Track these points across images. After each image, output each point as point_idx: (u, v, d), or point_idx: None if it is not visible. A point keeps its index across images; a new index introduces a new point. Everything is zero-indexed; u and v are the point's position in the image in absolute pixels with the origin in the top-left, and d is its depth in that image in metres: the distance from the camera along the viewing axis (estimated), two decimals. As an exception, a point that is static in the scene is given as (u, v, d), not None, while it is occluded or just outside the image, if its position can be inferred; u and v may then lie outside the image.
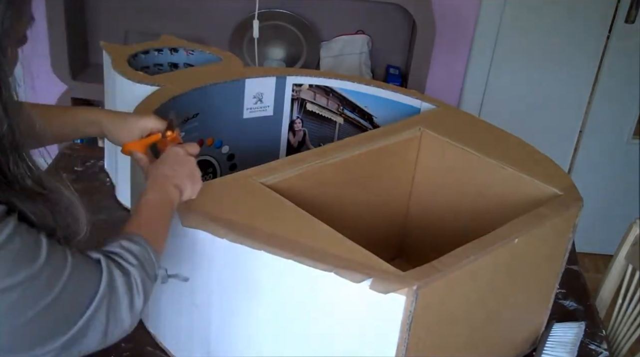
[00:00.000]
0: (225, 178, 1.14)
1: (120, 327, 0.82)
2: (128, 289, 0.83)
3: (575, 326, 1.35)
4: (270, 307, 1.03)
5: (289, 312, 1.02)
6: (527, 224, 1.09)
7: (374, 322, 0.95)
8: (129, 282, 0.83)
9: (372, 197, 1.38)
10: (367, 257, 0.97)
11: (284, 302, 1.02)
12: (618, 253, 1.62)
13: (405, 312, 0.91)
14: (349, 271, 0.92)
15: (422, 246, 1.42)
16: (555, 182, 1.22)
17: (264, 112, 1.60)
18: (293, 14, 2.47)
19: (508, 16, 2.51)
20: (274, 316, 1.03)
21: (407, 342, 0.93)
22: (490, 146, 1.32)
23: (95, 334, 0.79)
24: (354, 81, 1.59)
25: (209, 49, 1.71)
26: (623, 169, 2.77)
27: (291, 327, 1.03)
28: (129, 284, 0.83)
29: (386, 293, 0.90)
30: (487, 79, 2.63)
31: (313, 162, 1.22)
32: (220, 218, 1.02)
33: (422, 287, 0.91)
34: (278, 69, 2.26)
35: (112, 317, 0.81)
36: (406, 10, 2.35)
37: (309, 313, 1.00)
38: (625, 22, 2.51)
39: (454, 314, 1.03)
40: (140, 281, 0.84)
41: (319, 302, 0.98)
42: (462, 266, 0.97)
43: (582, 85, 2.64)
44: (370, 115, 1.59)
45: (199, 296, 1.11)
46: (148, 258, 0.88)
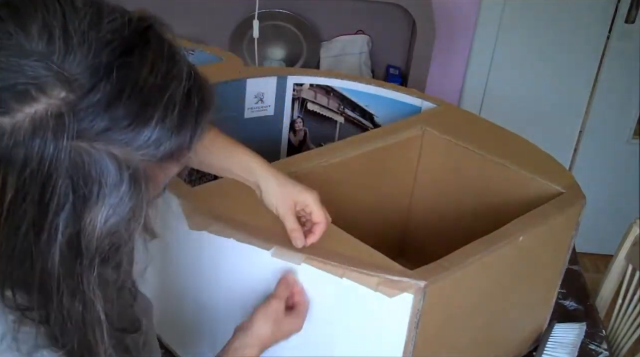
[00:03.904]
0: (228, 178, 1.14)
1: None
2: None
3: (577, 327, 1.35)
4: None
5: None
6: (531, 222, 1.09)
7: (381, 320, 0.95)
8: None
9: (375, 196, 1.37)
10: (375, 256, 0.96)
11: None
12: (618, 253, 1.62)
13: (413, 310, 0.91)
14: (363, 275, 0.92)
15: (425, 245, 1.42)
16: (557, 180, 1.22)
17: (264, 111, 1.60)
18: (293, 14, 2.47)
19: (508, 16, 2.51)
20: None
21: (415, 340, 0.93)
22: (492, 145, 1.32)
23: None
24: (354, 80, 1.59)
25: (209, 49, 1.71)
26: (623, 169, 2.77)
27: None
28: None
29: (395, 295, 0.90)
30: (487, 79, 2.63)
31: (315, 161, 1.22)
32: (226, 218, 1.01)
33: (430, 285, 0.91)
34: (279, 68, 2.26)
35: None
36: (406, 10, 2.35)
37: (316, 312, 1.00)
38: (625, 22, 2.51)
39: (459, 312, 1.03)
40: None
41: (325, 300, 0.98)
42: (468, 264, 0.97)
43: (582, 85, 2.64)
44: (371, 115, 1.59)
45: (205, 296, 1.11)
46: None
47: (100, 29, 0.59)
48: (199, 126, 0.65)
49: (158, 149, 0.61)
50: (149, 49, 0.61)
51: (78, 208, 0.60)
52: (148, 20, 0.64)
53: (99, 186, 0.60)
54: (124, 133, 0.59)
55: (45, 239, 0.60)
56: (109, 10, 0.62)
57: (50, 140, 0.57)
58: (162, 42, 0.64)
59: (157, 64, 0.61)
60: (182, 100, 0.62)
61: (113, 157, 0.60)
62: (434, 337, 0.99)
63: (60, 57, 0.57)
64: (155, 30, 0.64)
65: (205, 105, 0.66)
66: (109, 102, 0.58)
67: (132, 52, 0.60)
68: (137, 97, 0.59)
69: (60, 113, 0.57)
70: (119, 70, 0.58)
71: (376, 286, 0.91)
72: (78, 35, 0.58)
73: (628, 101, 2.66)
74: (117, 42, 0.59)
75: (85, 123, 0.58)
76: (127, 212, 0.62)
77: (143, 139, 0.60)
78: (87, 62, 0.58)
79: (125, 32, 0.61)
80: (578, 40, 2.55)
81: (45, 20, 0.58)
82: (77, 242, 0.61)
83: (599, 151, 2.77)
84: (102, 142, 0.59)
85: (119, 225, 0.62)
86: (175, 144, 0.63)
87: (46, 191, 0.58)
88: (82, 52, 0.58)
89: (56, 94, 0.57)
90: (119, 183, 0.60)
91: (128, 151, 0.60)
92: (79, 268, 0.62)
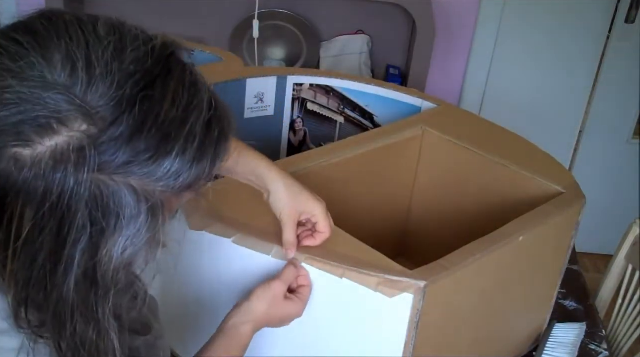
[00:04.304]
0: (228, 178, 1.14)
1: None
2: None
3: (577, 327, 1.35)
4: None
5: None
6: (531, 222, 1.09)
7: (381, 320, 0.95)
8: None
9: (375, 196, 1.37)
10: (375, 256, 0.96)
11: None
12: (618, 253, 1.62)
13: (413, 310, 0.91)
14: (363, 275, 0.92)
15: (424, 245, 1.42)
16: (557, 180, 1.22)
17: (264, 111, 1.60)
18: (293, 14, 2.47)
19: (508, 16, 2.51)
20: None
21: (415, 340, 0.93)
22: (492, 144, 1.32)
23: None
24: (354, 80, 1.59)
25: (209, 49, 1.71)
26: (623, 169, 2.77)
27: (297, 326, 1.03)
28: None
29: (395, 295, 0.90)
30: (487, 79, 2.63)
31: (315, 161, 1.22)
32: (227, 219, 1.01)
33: (430, 285, 0.91)
34: (279, 68, 2.26)
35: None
36: (406, 10, 2.35)
37: (316, 312, 1.00)
38: (625, 22, 2.51)
39: (459, 312, 1.03)
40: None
41: (325, 300, 0.98)
42: (468, 264, 0.97)
43: (582, 85, 2.64)
44: (371, 115, 1.59)
45: (205, 296, 1.11)
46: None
47: (123, 59, 0.59)
48: (218, 155, 0.65)
49: (177, 181, 0.61)
50: (172, 79, 0.61)
51: (95, 239, 0.59)
52: (170, 48, 0.63)
53: (117, 217, 0.60)
54: (144, 166, 0.59)
55: (61, 269, 0.59)
56: (132, 37, 0.61)
57: (71, 173, 0.57)
58: (184, 70, 0.63)
59: (178, 95, 0.61)
60: (202, 131, 0.62)
61: (132, 189, 0.59)
62: (434, 337, 0.99)
63: (83, 89, 0.57)
64: (177, 58, 0.63)
65: (225, 136, 0.66)
66: (131, 135, 0.58)
67: (154, 83, 0.59)
68: (158, 130, 0.59)
69: (82, 146, 0.56)
70: (141, 103, 0.58)
71: (376, 286, 0.91)
72: (101, 66, 0.58)
73: (628, 101, 2.66)
74: (140, 74, 0.59)
75: (106, 156, 0.57)
76: (144, 243, 0.62)
77: (163, 171, 0.60)
78: (110, 94, 0.57)
79: (148, 63, 0.60)
80: (578, 41, 2.55)
81: (68, 50, 0.58)
82: (93, 272, 0.61)
83: (599, 151, 2.77)
84: (122, 175, 0.59)
85: (135, 255, 0.62)
86: (195, 174, 0.63)
87: (64, 223, 0.58)
88: (105, 84, 0.57)
89: (78, 127, 0.56)
90: (137, 215, 0.60)
91: (147, 183, 0.60)
92: (94, 298, 0.62)
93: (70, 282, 0.60)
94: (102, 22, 0.61)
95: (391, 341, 0.95)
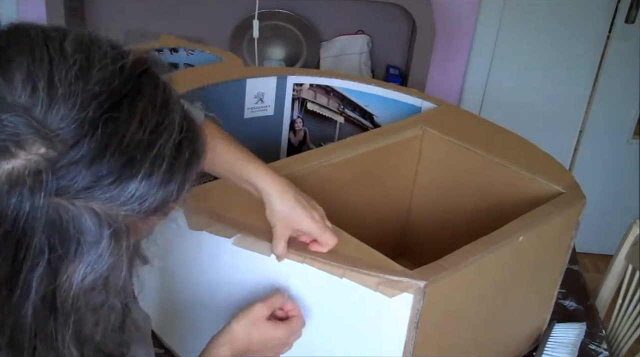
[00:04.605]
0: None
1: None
2: None
3: (577, 326, 1.35)
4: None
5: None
6: (531, 222, 1.09)
7: (381, 320, 0.95)
8: None
9: (375, 196, 1.37)
10: (375, 256, 0.96)
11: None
12: (618, 253, 1.62)
13: (413, 310, 0.91)
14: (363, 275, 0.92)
15: (424, 245, 1.42)
16: (557, 180, 1.22)
17: (264, 111, 1.59)
18: (293, 14, 2.47)
19: (508, 16, 2.51)
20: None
21: (415, 340, 0.93)
22: (492, 144, 1.32)
23: None
24: (354, 80, 1.59)
25: (209, 49, 1.71)
26: (623, 169, 2.77)
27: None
28: None
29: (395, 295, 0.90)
30: (487, 79, 2.63)
31: (315, 161, 1.22)
32: (226, 219, 1.01)
33: (430, 285, 0.91)
34: (279, 68, 2.26)
35: None
36: (406, 10, 2.35)
37: (316, 312, 1.00)
38: (625, 22, 2.51)
39: (459, 312, 1.03)
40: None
41: (326, 300, 0.98)
42: (468, 264, 0.96)
43: (582, 86, 2.64)
44: (371, 114, 1.59)
45: (205, 296, 1.11)
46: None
47: (88, 79, 0.56)
48: (187, 178, 0.62)
49: (142, 205, 0.59)
50: (140, 99, 0.58)
51: (54, 265, 0.57)
52: (143, 65, 0.60)
53: (77, 243, 0.57)
54: (107, 190, 0.56)
55: (18, 295, 0.57)
56: (101, 55, 0.58)
57: (26, 198, 0.54)
58: (156, 89, 0.60)
59: (147, 116, 0.58)
60: (171, 153, 0.59)
61: (93, 213, 0.57)
62: (434, 337, 0.99)
63: (43, 110, 0.54)
64: (150, 75, 0.61)
65: (196, 156, 0.63)
66: (93, 159, 0.55)
67: (120, 104, 0.57)
68: (123, 153, 0.56)
69: (39, 170, 0.54)
70: (104, 125, 0.55)
71: (376, 286, 0.91)
72: (64, 86, 0.55)
73: (628, 101, 2.66)
74: (106, 94, 0.56)
75: (65, 180, 0.55)
76: (106, 268, 0.59)
77: (127, 195, 0.57)
78: (71, 116, 0.55)
79: (115, 82, 0.57)
80: (578, 41, 2.55)
81: (30, 70, 0.55)
82: (52, 298, 0.58)
83: (599, 151, 2.77)
84: (83, 199, 0.56)
85: (97, 281, 0.59)
86: (161, 198, 0.60)
87: (20, 248, 0.56)
88: (66, 106, 0.55)
89: (36, 150, 0.54)
90: (98, 240, 0.58)
91: (110, 207, 0.57)
92: (54, 324, 0.59)
93: (28, 308, 0.57)
94: (70, 38, 0.58)
95: (391, 341, 0.95)
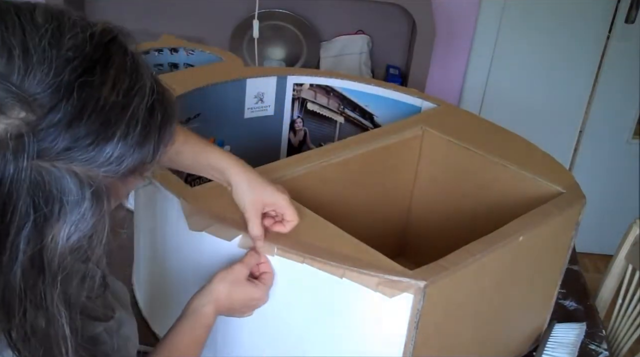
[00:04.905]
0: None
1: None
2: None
3: (577, 327, 1.35)
4: (276, 308, 1.02)
5: (295, 312, 1.02)
6: (531, 222, 1.09)
7: (381, 320, 0.95)
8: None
9: (375, 196, 1.37)
10: (375, 256, 0.96)
11: (290, 302, 1.01)
12: (618, 253, 1.62)
13: (413, 310, 0.91)
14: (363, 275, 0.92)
15: (424, 245, 1.43)
16: (557, 180, 1.22)
17: (264, 111, 1.60)
18: (293, 14, 2.47)
19: (508, 16, 2.51)
20: (280, 316, 1.03)
21: (415, 340, 0.93)
22: (492, 145, 1.32)
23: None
24: (354, 80, 1.59)
25: (209, 49, 1.71)
26: (623, 169, 2.78)
27: (297, 327, 1.03)
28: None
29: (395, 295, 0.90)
30: (487, 79, 2.63)
31: (315, 161, 1.22)
32: (227, 220, 1.01)
33: (430, 285, 0.91)
34: (279, 68, 2.26)
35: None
36: (406, 10, 2.35)
37: (316, 312, 1.00)
38: (625, 22, 2.51)
39: (459, 312, 1.03)
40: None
41: (326, 300, 0.98)
42: (468, 264, 0.96)
43: (582, 85, 2.65)
44: (371, 114, 1.59)
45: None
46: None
47: (61, 46, 0.59)
48: (162, 140, 0.65)
49: (120, 165, 0.62)
50: (111, 65, 0.61)
51: (39, 226, 0.60)
52: (111, 33, 0.63)
53: (60, 203, 0.60)
54: (85, 151, 0.59)
55: (7, 257, 0.59)
56: (71, 24, 0.61)
57: (10, 161, 0.57)
58: (125, 55, 0.63)
59: (119, 80, 0.61)
60: (144, 115, 0.63)
61: (74, 174, 0.60)
62: (434, 337, 0.99)
63: (19, 76, 0.57)
64: (119, 43, 0.64)
65: (169, 119, 0.66)
66: (70, 121, 0.58)
67: (93, 69, 0.60)
68: (98, 116, 0.59)
69: (20, 133, 0.57)
70: (80, 89, 0.58)
71: (376, 286, 0.91)
72: (38, 53, 0.58)
73: (628, 101, 2.66)
74: (79, 59, 0.59)
75: (46, 143, 0.58)
76: (89, 228, 0.62)
77: (105, 156, 0.60)
78: (47, 81, 0.57)
79: (86, 49, 0.60)
80: (578, 41, 2.55)
81: (4, 38, 0.58)
82: (39, 259, 0.61)
83: (599, 151, 2.77)
84: (63, 161, 0.59)
85: (81, 241, 0.62)
86: (138, 159, 0.63)
87: (6, 210, 0.58)
88: (42, 71, 0.57)
89: (16, 115, 0.57)
90: (80, 200, 0.60)
91: (90, 168, 0.60)
92: (42, 285, 0.62)
93: (17, 269, 0.60)
94: (39, 10, 0.61)
95: (391, 341, 0.95)
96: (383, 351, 0.96)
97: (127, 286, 1.34)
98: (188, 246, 1.08)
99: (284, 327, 1.04)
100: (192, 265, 1.09)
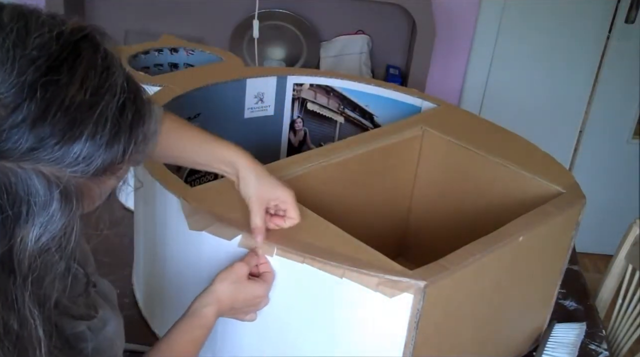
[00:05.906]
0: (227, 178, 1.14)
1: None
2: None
3: (577, 326, 1.35)
4: (276, 308, 1.02)
5: (295, 312, 1.02)
6: (531, 222, 1.09)
7: (381, 320, 0.95)
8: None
9: (375, 196, 1.37)
10: (375, 256, 0.96)
11: (290, 302, 1.01)
12: (618, 253, 1.62)
13: (413, 310, 0.91)
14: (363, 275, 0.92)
15: (425, 245, 1.42)
16: (557, 180, 1.22)
17: (264, 111, 1.60)
18: (293, 14, 2.47)
19: (508, 16, 2.51)
20: (280, 316, 1.03)
21: (415, 340, 0.93)
22: (492, 145, 1.32)
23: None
24: (354, 80, 1.59)
25: (209, 49, 1.71)
26: (623, 169, 2.78)
27: (296, 327, 1.03)
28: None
29: (395, 295, 0.90)
30: (487, 79, 2.63)
31: (315, 161, 1.22)
32: (227, 219, 1.01)
33: (430, 285, 0.91)
34: (279, 68, 2.26)
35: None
36: (406, 10, 2.35)
37: (316, 312, 1.00)
38: (625, 22, 2.51)
39: (459, 312, 1.03)
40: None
41: (326, 300, 0.98)
42: (468, 264, 0.96)
43: (582, 85, 2.65)
44: (371, 114, 1.59)
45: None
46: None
47: (26, 45, 0.58)
48: (133, 139, 0.64)
49: (89, 165, 0.61)
50: (80, 64, 0.61)
51: (7, 227, 0.59)
52: (82, 31, 0.63)
53: (28, 205, 0.59)
54: (52, 151, 0.58)
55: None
56: (39, 24, 0.61)
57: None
58: (96, 53, 0.63)
59: (87, 79, 0.60)
60: (114, 114, 0.62)
61: (42, 175, 0.59)
62: (434, 337, 0.99)
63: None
64: (90, 41, 0.63)
65: (141, 118, 0.65)
66: (34, 121, 0.57)
67: (59, 68, 0.59)
68: (64, 115, 0.58)
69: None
70: (43, 88, 0.58)
71: (376, 286, 0.91)
72: (2, 53, 0.58)
73: (628, 101, 2.66)
74: (43, 58, 0.59)
75: (9, 143, 0.57)
76: (58, 229, 0.61)
77: (72, 156, 0.59)
78: (10, 81, 0.57)
79: (52, 47, 0.59)
80: (578, 40, 2.55)
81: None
82: (9, 260, 0.60)
83: (599, 151, 2.77)
84: (29, 161, 0.58)
85: (51, 243, 0.61)
86: (108, 158, 0.62)
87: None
88: (5, 71, 0.57)
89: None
90: (48, 201, 0.60)
91: (57, 169, 0.60)
92: (13, 286, 0.61)
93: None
94: (7, 10, 0.61)
95: (391, 341, 0.95)
96: (383, 351, 0.96)
97: (127, 286, 1.34)
98: (188, 245, 1.08)
99: (284, 327, 1.04)
100: (192, 265, 1.09)
